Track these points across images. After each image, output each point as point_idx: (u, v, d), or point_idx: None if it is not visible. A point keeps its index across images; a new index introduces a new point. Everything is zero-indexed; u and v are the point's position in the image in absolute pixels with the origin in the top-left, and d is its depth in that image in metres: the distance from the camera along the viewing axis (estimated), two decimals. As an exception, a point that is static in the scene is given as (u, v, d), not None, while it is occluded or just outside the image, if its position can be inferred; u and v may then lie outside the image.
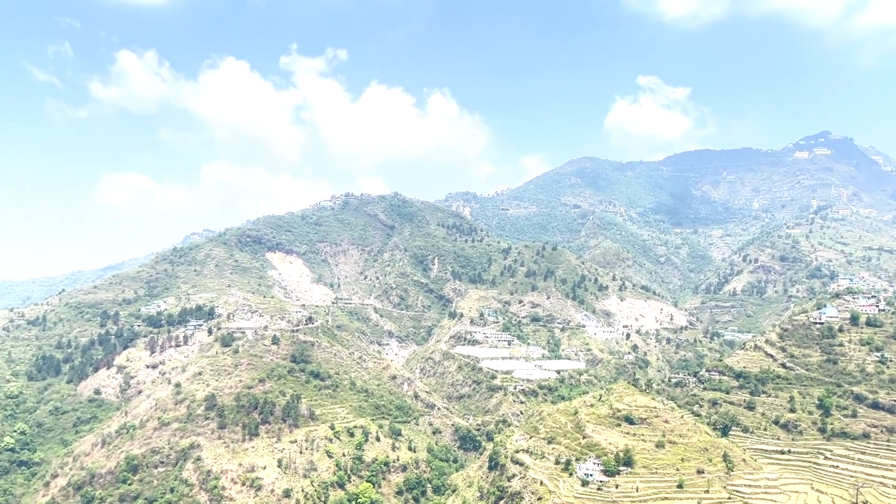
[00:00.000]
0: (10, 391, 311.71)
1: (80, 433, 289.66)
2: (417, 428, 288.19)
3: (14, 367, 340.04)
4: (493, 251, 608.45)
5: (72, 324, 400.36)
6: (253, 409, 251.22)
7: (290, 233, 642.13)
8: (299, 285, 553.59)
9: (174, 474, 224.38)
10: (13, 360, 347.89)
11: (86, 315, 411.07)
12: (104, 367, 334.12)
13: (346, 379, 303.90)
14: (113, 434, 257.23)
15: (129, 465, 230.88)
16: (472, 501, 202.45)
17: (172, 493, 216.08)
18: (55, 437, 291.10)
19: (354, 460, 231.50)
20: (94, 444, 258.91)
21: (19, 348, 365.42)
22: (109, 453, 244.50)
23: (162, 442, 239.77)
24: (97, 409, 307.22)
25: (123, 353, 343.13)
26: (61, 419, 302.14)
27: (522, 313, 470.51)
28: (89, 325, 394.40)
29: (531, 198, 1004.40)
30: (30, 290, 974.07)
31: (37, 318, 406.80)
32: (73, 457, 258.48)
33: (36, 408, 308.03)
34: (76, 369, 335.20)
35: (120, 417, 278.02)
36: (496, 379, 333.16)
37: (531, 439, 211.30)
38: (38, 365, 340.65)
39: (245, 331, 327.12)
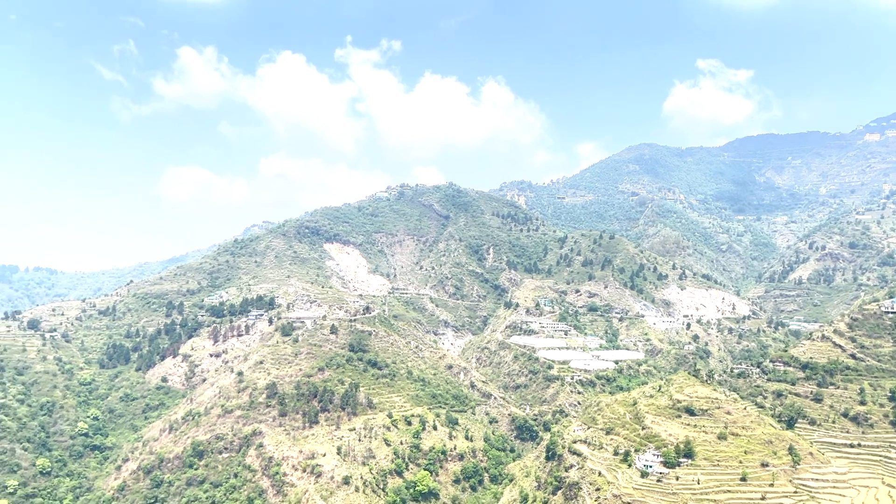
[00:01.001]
0: (83, 378, 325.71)
1: (149, 419, 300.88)
2: (474, 417, 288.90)
3: (87, 356, 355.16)
4: (549, 240, 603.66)
5: (140, 314, 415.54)
6: (312, 397, 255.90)
7: (346, 224, 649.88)
8: (356, 275, 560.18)
9: (237, 460, 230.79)
10: (86, 349, 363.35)
11: (152, 305, 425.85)
12: (170, 356, 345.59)
13: (403, 368, 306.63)
14: (179, 420, 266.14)
15: (195, 450, 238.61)
16: (529, 491, 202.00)
17: (236, 479, 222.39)
18: (125, 423, 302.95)
19: (412, 448, 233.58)
20: (162, 429, 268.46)
21: (91, 337, 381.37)
22: (176, 439, 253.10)
23: (226, 428, 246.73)
24: (164, 397, 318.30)
25: (188, 343, 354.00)
26: (131, 405, 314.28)
27: (579, 303, 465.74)
28: (156, 315, 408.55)
29: (587, 186, 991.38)
30: (100, 281, 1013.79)
31: (107, 309, 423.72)
32: (143, 442, 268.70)
33: (107, 394, 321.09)
34: (144, 358, 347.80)
35: (186, 404, 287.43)
36: (553, 369, 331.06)
37: (589, 430, 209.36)
38: (109, 353, 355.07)
39: (304, 320, 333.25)
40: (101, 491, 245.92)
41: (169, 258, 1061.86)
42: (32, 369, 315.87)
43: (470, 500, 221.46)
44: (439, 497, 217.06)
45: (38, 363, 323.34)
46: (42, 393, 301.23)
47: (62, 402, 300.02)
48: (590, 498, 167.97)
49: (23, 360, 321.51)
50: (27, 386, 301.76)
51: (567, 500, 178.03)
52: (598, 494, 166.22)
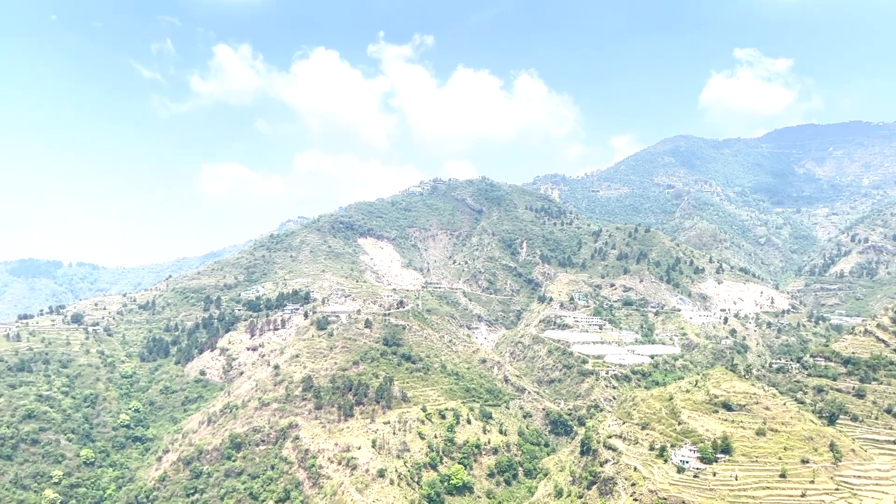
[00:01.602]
0: (124, 371, 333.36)
1: (188, 411, 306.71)
2: (508, 411, 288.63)
3: (128, 349, 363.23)
4: (583, 234, 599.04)
5: (178, 308, 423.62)
6: (347, 390, 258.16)
7: (380, 219, 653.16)
8: (390, 270, 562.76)
9: (274, 452, 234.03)
10: (127, 343, 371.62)
11: (191, 300, 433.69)
12: (208, 350, 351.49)
13: (436, 362, 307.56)
14: (218, 413, 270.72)
15: (233, 442, 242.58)
16: (563, 486, 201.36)
17: (273, 471, 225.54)
18: (165, 415, 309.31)
19: (446, 442, 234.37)
20: (201, 422, 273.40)
21: (132, 331, 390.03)
22: (215, 431, 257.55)
23: (262, 421, 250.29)
24: (203, 389, 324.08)
25: (226, 336, 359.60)
26: (171, 398, 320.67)
27: (614, 297, 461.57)
28: (194, 310, 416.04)
29: (622, 179, 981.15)
30: (140, 276, 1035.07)
31: (147, 303, 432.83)
32: (183, 434, 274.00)
33: (148, 387, 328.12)
34: (183, 351, 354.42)
35: (224, 397, 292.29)
36: (587, 363, 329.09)
37: (624, 425, 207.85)
38: (149, 347, 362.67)
39: (339, 314, 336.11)
40: (142, 481, 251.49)
41: (206, 253, 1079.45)
42: (76, 362, 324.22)
43: (504, 494, 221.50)
44: (473, 491, 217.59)
45: (82, 356, 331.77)
46: (85, 385, 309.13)
47: (105, 394, 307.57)
48: (625, 493, 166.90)
49: (67, 353, 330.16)
50: (71, 378, 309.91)
51: (602, 494, 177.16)
52: (634, 490, 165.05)
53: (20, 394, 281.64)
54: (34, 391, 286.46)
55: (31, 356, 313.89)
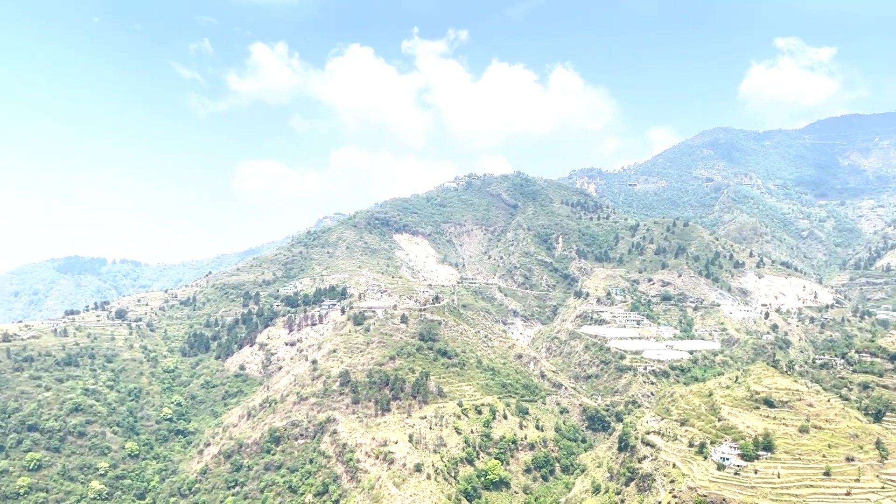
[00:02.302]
0: (167, 366, 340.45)
1: (228, 405, 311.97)
2: (544, 407, 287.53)
3: (170, 344, 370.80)
4: (620, 228, 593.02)
5: (218, 304, 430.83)
6: (384, 385, 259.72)
7: (415, 214, 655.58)
8: (425, 265, 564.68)
9: (312, 446, 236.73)
10: (169, 338, 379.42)
11: (230, 296, 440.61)
12: (248, 345, 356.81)
13: (472, 357, 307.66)
14: (257, 407, 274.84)
15: (272, 436, 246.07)
16: (601, 482, 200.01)
17: (312, 464, 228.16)
18: (206, 409, 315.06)
19: (482, 437, 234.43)
20: (241, 416, 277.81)
21: (174, 326, 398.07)
22: (254, 425, 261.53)
23: (301, 415, 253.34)
24: (242, 384, 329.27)
25: (264, 332, 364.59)
26: (211, 392, 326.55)
27: (652, 292, 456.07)
28: (233, 305, 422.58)
29: (660, 172, 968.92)
30: (181, 272, 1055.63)
31: (188, 299, 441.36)
32: (223, 427, 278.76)
33: (189, 381, 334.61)
34: (223, 346, 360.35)
35: (263, 392, 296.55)
36: (625, 359, 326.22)
37: (662, 421, 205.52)
38: (190, 342, 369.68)
39: (375, 310, 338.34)
40: (185, 473, 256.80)
41: (245, 250, 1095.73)
42: (120, 357, 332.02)
43: (541, 490, 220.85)
44: (510, 486, 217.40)
45: (126, 351, 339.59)
46: (129, 379, 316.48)
47: (148, 388, 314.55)
48: (664, 490, 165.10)
49: (112, 348, 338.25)
50: (116, 373, 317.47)
51: (640, 491, 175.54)
52: (673, 486, 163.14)
53: (67, 388, 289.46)
54: (81, 385, 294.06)
55: (77, 351, 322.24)
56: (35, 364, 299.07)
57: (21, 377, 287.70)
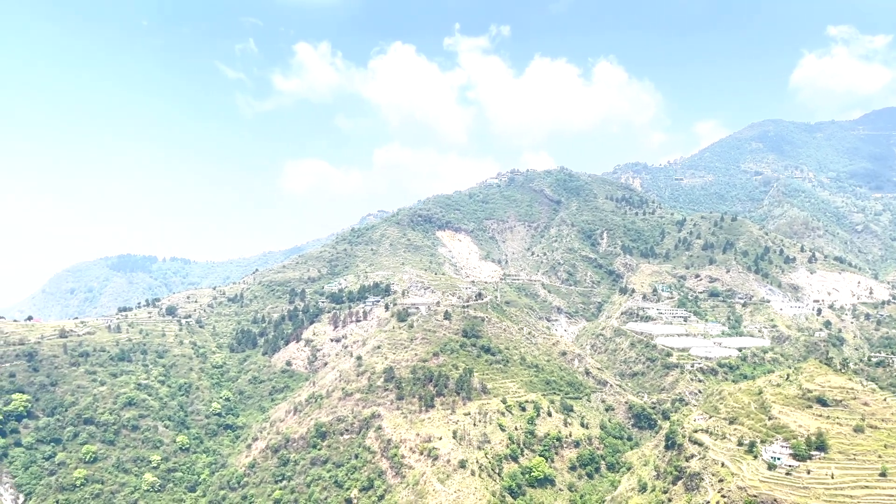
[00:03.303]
0: (215, 362, 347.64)
1: (275, 401, 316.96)
2: (589, 404, 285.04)
3: (218, 340, 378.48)
4: (666, 223, 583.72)
5: (265, 300, 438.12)
6: (428, 381, 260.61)
7: (458, 211, 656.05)
8: (468, 262, 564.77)
9: (358, 441, 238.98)
10: (217, 334, 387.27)
11: (276, 293, 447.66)
12: (294, 341, 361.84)
13: (516, 354, 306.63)
14: (303, 402, 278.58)
15: (318, 431, 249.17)
16: (647, 480, 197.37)
17: (357, 459, 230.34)
18: (254, 404, 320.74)
19: (527, 434, 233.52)
20: (288, 411, 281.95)
21: (222, 323, 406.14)
22: (301, 420, 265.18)
23: (346, 411, 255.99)
24: (289, 380, 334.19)
25: (310, 328, 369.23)
26: (259, 388, 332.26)
27: (699, 288, 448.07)
28: (280, 302, 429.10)
29: (707, 166, 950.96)
30: (229, 270, 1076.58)
31: (235, 296, 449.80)
32: (270, 422, 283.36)
33: (237, 377, 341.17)
34: (270, 342, 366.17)
35: (309, 387, 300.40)
36: (672, 356, 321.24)
37: (710, 419, 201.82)
38: (238, 338, 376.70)
39: (419, 306, 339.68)
40: (233, 467, 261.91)
41: (290, 247, 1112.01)
42: (171, 352, 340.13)
43: (586, 488, 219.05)
44: (555, 483, 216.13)
45: (176, 347, 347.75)
46: (180, 375, 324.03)
47: (198, 383, 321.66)
48: (712, 489, 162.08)
49: (162, 344, 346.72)
50: (167, 368, 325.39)
51: (688, 490, 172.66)
52: (722, 486, 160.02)
53: (121, 382, 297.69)
54: (133, 380, 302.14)
55: (130, 347, 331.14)
56: (90, 359, 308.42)
57: (77, 372, 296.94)
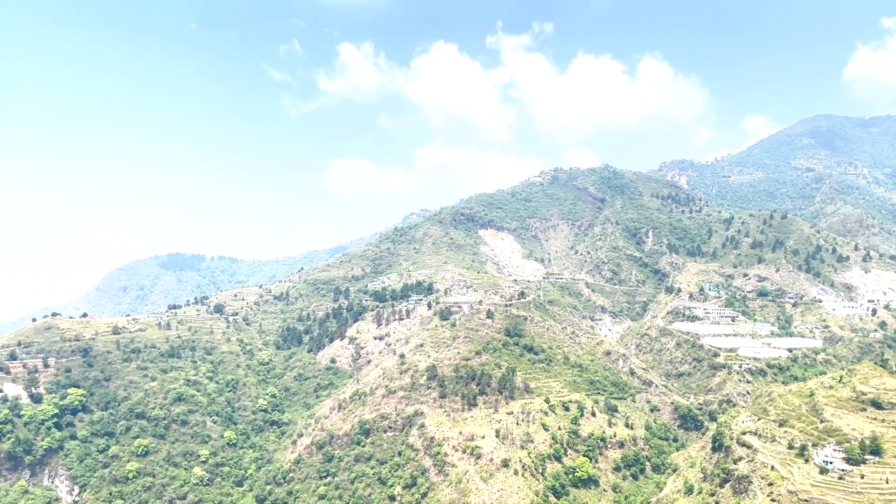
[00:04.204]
0: (262, 359, 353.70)
1: (320, 397, 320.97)
2: (634, 405, 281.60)
3: (264, 338, 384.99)
4: (713, 221, 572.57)
5: (310, 299, 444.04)
6: (470, 380, 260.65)
7: (500, 210, 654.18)
8: (511, 261, 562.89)
9: (401, 439, 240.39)
10: (264, 331, 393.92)
11: (321, 291, 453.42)
12: (338, 339, 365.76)
13: (559, 353, 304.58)
14: (347, 400, 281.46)
15: (362, 428, 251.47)
16: (694, 482, 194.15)
17: (400, 457, 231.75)
18: (299, 401, 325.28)
19: (570, 434, 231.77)
20: (332, 408, 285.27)
21: (268, 320, 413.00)
22: (345, 417, 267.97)
23: (389, 409, 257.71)
24: (333, 377, 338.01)
25: (354, 326, 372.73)
26: (304, 384, 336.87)
27: (747, 287, 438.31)
28: (324, 300, 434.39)
29: (756, 163, 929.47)
30: (275, 268, 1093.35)
31: (281, 294, 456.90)
32: (315, 419, 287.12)
33: (283, 374, 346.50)
34: (315, 340, 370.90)
35: (353, 385, 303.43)
36: (719, 357, 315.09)
37: (759, 421, 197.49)
38: (284, 335, 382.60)
39: (461, 305, 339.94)
40: (279, 463, 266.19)
41: (335, 246, 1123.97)
42: (219, 349, 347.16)
43: (631, 489, 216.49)
44: (599, 484, 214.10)
45: (224, 344, 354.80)
46: (227, 371, 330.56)
47: (244, 379, 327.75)
48: (761, 493, 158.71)
49: (211, 340, 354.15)
50: (215, 364, 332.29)
51: (736, 493, 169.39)
52: (771, 490, 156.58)
53: (171, 378, 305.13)
54: (183, 376, 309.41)
55: (179, 343, 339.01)
56: (142, 355, 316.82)
57: (129, 367, 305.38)
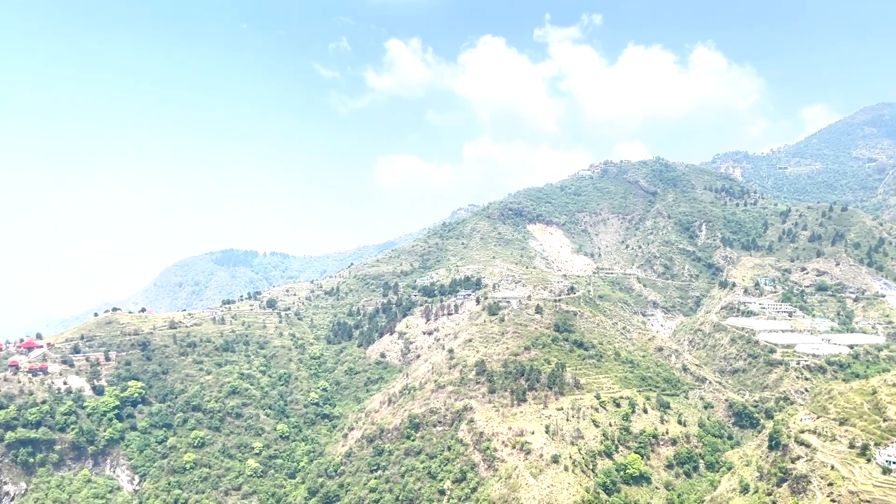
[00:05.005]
0: (313, 353, 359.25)
1: (370, 391, 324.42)
2: (687, 401, 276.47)
3: (316, 332, 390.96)
4: (769, 214, 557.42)
5: (359, 294, 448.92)
6: (520, 375, 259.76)
7: (549, 204, 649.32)
8: (560, 255, 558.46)
9: (450, 434, 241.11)
10: (315, 326, 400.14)
11: (370, 286, 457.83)
12: (387, 333, 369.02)
13: (609, 349, 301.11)
14: (397, 394, 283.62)
15: (411, 422, 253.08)
16: (750, 481, 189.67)
17: (450, 451, 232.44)
18: (350, 395, 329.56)
19: (621, 431, 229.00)
20: (382, 402, 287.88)
21: (319, 315, 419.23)
22: (395, 411, 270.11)
23: (439, 403, 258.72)
24: (383, 371, 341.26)
25: (403, 321, 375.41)
26: (354, 378, 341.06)
27: (805, 282, 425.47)
28: (374, 295, 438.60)
29: (814, 153, 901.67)
30: (325, 264, 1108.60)
31: (332, 289, 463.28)
32: (365, 413, 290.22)
33: (334, 368, 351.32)
34: (365, 335, 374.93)
35: (402, 379, 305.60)
36: (775, 353, 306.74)
37: (818, 419, 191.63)
38: (335, 330, 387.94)
39: (510, 300, 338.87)
40: (331, 455, 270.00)
41: (384, 242, 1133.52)
42: (271, 344, 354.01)
43: (684, 487, 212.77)
44: (651, 481, 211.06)
45: (276, 338, 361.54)
46: (280, 365, 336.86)
47: (296, 373, 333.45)
48: (821, 493, 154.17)
49: (263, 335, 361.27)
50: (268, 358, 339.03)
51: (794, 493, 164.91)
52: (831, 490, 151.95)
53: (225, 372, 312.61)
54: (237, 370, 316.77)
55: (233, 338, 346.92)
56: (197, 349, 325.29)
57: (186, 361, 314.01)
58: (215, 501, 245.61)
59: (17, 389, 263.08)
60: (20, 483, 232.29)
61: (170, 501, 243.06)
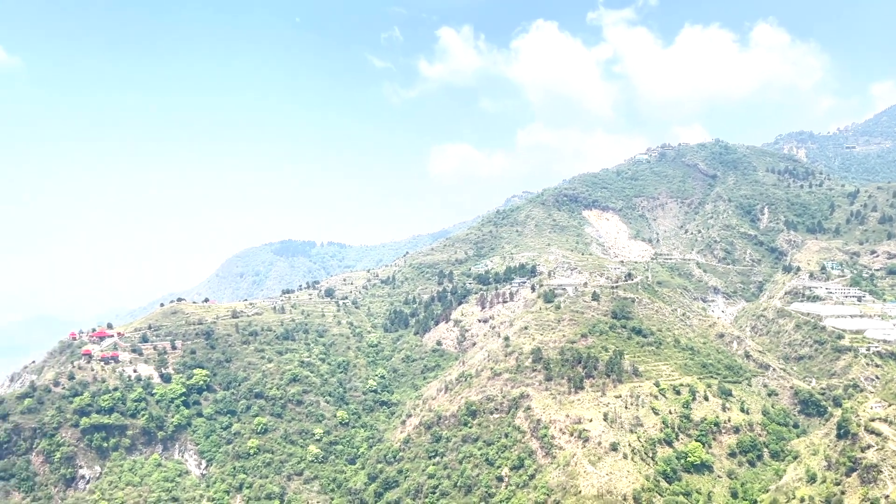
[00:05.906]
0: (371, 341, 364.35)
1: (427, 379, 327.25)
2: (750, 389, 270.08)
3: (373, 320, 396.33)
4: (836, 196, 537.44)
5: (415, 282, 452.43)
6: (577, 363, 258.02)
7: (605, 189, 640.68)
8: (616, 242, 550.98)
9: (507, 421, 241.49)
10: (372, 314, 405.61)
11: (426, 274, 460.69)
12: (443, 321, 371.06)
13: (669, 336, 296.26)
14: (454, 381, 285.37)
15: (468, 409, 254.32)
16: (817, 470, 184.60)
17: (507, 438, 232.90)
18: (407, 382, 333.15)
19: (682, 418, 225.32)
20: (439, 389, 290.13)
21: (375, 304, 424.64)
22: (451, 398, 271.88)
23: (495, 391, 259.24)
24: (439, 359, 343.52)
25: (458, 309, 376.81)
26: (411, 366, 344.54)
27: (876, 265, 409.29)
28: (429, 284, 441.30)
29: (884, 132, 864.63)
30: (381, 253, 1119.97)
31: (388, 278, 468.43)
32: (423, 400, 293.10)
33: (391, 356, 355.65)
34: (421, 323, 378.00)
35: (458, 366, 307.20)
36: (843, 339, 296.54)
37: (890, 407, 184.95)
38: (391, 318, 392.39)
39: (566, 287, 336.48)
40: (389, 442, 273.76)
41: (438, 231, 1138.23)
42: (330, 332, 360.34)
43: (748, 476, 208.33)
44: (713, 470, 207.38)
45: (335, 327, 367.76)
46: (338, 353, 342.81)
47: (355, 361, 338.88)
48: (892, 483, 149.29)
49: (322, 324, 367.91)
50: (327, 347, 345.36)
51: (864, 483, 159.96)
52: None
53: (286, 360, 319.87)
54: (297, 358, 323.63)
55: (293, 326, 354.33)
56: (259, 338, 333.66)
57: (248, 349, 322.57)
58: (278, 486, 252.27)
59: (91, 377, 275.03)
60: (95, 467, 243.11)
61: (235, 485, 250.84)
